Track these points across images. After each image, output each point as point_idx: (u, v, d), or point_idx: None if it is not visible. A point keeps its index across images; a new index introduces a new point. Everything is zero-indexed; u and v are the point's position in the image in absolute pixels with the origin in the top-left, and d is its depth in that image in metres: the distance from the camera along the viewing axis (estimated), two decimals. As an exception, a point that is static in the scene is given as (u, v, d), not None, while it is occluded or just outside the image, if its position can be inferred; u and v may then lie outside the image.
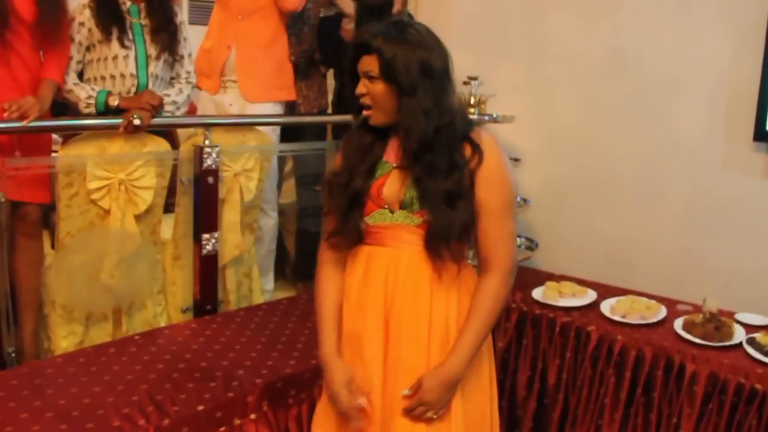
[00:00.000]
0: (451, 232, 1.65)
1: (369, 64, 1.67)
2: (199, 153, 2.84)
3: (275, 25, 3.40)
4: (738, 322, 2.74)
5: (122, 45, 2.75)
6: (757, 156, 3.02)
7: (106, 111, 2.73)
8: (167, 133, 2.99)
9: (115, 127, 2.69)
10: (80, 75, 2.84)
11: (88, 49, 2.80)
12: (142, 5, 2.82)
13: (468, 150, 1.66)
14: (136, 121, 2.67)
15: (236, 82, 3.36)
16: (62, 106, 2.87)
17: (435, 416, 1.69)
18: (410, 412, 1.69)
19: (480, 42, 3.61)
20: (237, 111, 3.34)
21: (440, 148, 1.64)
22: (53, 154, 2.84)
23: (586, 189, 3.46)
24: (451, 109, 1.66)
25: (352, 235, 1.78)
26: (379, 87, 1.66)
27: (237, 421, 2.18)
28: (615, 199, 3.43)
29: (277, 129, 3.44)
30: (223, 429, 2.15)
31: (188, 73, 2.97)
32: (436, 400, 1.68)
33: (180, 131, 3.18)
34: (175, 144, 3.01)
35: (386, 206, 1.73)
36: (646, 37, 3.27)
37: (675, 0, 3.20)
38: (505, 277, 1.72)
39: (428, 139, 1.63)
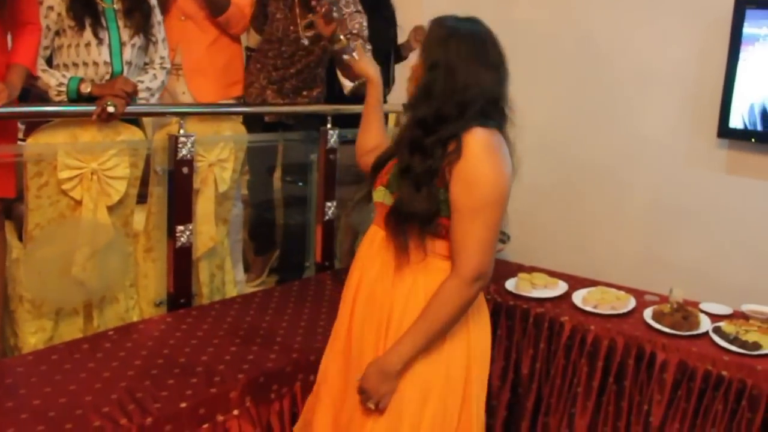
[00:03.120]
0: (407, 214, 1.62)
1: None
2: (173, 142, 2.68)
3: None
4: (703, 311, 2.73)
5: (95, 32, 2.57)
6: (720, 152, 3.02)
7: (78, 98, 2.55)
8: (137, 121, 2.83)
9: (88, 114, 2.52)
10: (48, 61, 2.63)
11: (57, 33, 2.60)
12: None
13: (453, 145, 1.62)
14: (110, 109, 2.50)
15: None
16: (26, 92, 2.63)
17: (373, 407, 1.67)
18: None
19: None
20: (190, 99, 3.21)
21: (434, 134, 1.61)
22: (20, 143, 2.63)
23: (555, 182, 3.41)
24: (464, 107, 1.61)
25: (365, 202, 1.86)
26: (419, 60, 1.72)
27: (220, 418, 2.05)
28: (583, 192, 3.39)
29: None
30: (206, 426, 2.01)
31: (162, 58, 2.80)
32: (372, 389, 1.66)
33: (148, 120, 3.02)
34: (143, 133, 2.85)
35: (383, 184, 1.75)
36: (615, 33, 3.23)
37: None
38: (461, 284, 1.62)
39: (424, 119, 1.63)
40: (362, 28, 3.08)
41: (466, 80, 1.62)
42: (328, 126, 3.12)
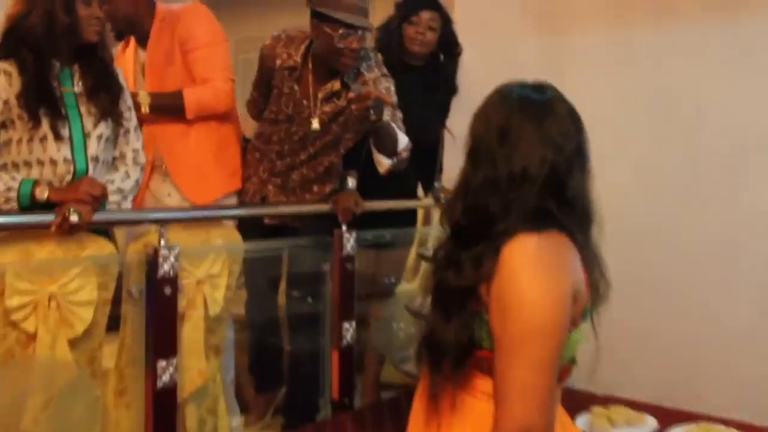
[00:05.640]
0: (437, 346, 1.53)
1: None
2: (153, 256, 2.44)
3: None
4: None
5: (53, 124, 2.35)
6: None
7: (32, 206, 2.31)
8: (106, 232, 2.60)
9: (45, 225, 2.29)
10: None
11: (3, 126, 2.36)
12: (76, 66, 2.42)
13: (491, 258, 1.46)
14: (74, 218, 2.26)
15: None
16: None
17: None
18: None
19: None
20: (177, 202, 2.98)
21: (471, 246, 1.48)
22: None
23: (632, 281, 2.96)
24: (509, 201, 1.47)
25: None
26: None
27: None
28: (671, 293, 3.03)
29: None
30: None
31: (135, 151, 2.58)
32: None
33: (121, 230, 2.83)
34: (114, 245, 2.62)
35: None
36: (702, 90, 2.99)
37: (734, 45, 2.91)
38: None
39: (458, 226, 1.54)
40: (390, 93, 2.84)
41: (510, 163, 1.47)
42: (344, 228, 2.85)
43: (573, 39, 3.26)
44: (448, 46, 3.30)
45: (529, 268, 1.41)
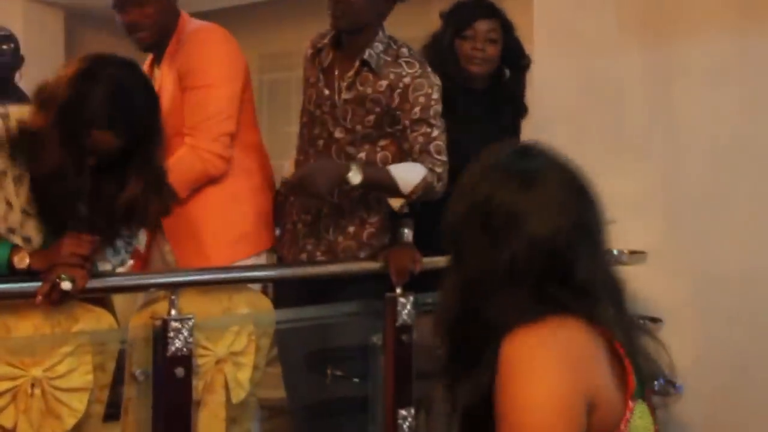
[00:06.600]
0: None
1: None
2: (162, 330, 2.24)
3: None
4: None
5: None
6: None
7: (9, 275, 2.08)
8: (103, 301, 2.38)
9: (29, 295, 2.08)
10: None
11: None
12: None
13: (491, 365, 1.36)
14: (66, 285, 2.02)
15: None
16: None
17: None
18: None
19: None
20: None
21: (464, 355, 1.38)
22: None
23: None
24: (497, 304, 1.32)
25: None
26: None
27: None
28: None
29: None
30: None
31: (130, 245, 2.40)
32: None
33: (121, 298, 2.62)
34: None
35: None
36: None
37: None
38: None
39: (449, 325, 1.41)
40: (430, 100, 2.46)
41: (495, 257, 1.31)
42: (398, 291, 2.50)
43: (685, 49, 2.98)
44: (514, 59, 2.91)
45: (521, 368, 1.28)
